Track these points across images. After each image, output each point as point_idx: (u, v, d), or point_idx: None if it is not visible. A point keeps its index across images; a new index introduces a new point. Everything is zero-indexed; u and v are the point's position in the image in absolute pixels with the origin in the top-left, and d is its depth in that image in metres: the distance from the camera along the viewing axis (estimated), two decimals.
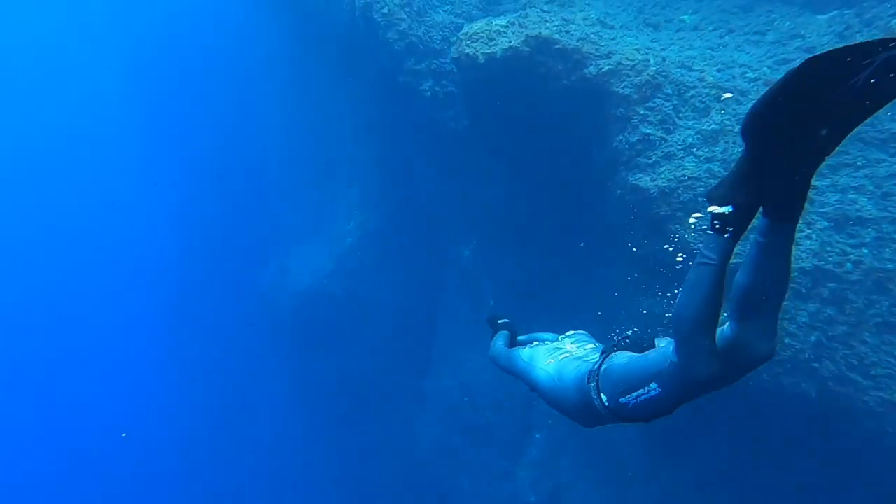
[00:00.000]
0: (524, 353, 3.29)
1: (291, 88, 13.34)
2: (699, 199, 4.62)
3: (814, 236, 4.40)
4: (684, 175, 4.72)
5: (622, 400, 2.25)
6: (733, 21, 5.92)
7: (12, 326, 31.09)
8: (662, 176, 4.82)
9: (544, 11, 6.18)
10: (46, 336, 31.58)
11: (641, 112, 5.13)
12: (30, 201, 35.95)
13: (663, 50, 5.58)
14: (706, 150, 4.81)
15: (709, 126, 4.88)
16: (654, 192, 4.85)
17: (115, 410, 26.58)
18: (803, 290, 4.31)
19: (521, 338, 3.86)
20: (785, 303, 4.31)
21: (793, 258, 1.83)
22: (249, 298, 15.35)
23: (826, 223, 4.44)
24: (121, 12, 21.96)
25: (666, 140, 4.98)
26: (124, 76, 24.14)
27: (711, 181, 4.64)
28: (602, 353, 2.57)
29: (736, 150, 4.75)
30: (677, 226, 4.70)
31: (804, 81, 1.44)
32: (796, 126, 1.53)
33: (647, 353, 2.30)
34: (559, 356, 2.94)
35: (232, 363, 18.03)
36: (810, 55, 1.46)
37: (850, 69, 1.39)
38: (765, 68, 5.21)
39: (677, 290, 2.02)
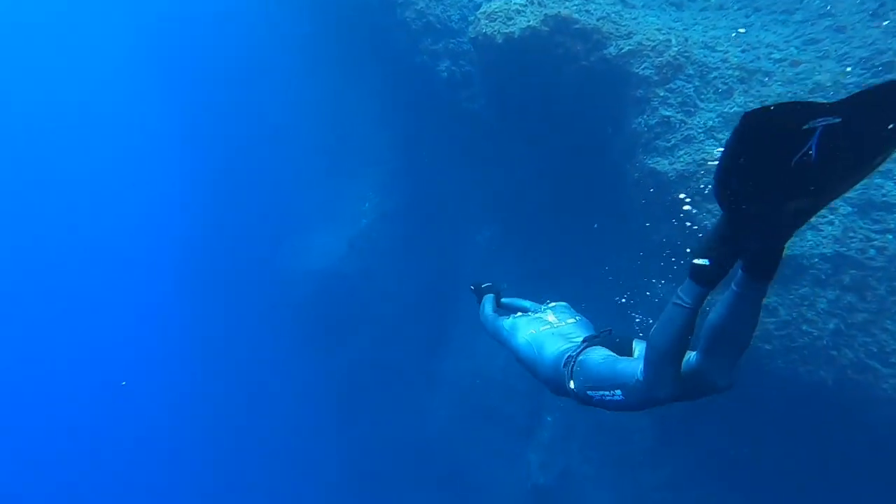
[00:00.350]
0: (507, 322, 3.48)
1: (308, 70, 13.30)
2: None
3: (836, 221, 4.30)
4: (704, 159, 4.63)
5: (589, 393, 2.48)
6: (759, 0, 5.74)
7: (28, 307, 31.99)
8: (681, 159, 4.73)
9: None
10: (64, 319, 32.43)
11: (661, 94, 5.03)
12: (51, 184, 36.68)
13: (686, 30, 5.44)
14: (728, 133, 4.70)
15: (731, 108, 4.76)
16: (672, 176, 4.77)
17: (128, 390, 27.24)
18: (823, 277, 4.24)
19: (504, 300, 4.17)
20: (804, 290, 4.25)
21: (761, 311, 1.96)
22: (265, 280, 15.54)
23: (850, 208, 4.34)
24: (143, 8, 22.07)
25: (686, 123, 4.88)
26: (142, 60, 24.28)
27: None
28: (583, 342, 2.77)
29: None
30: (695, 210, 4.63)
31: (749, 146, 1.41)
32: (759, 197, 1.52)
33: (620, 360, 2.49)
34: (540, 327, 3.16)
35: (247, 345, 18.33)
36: (839, 33, 1.38)
37: (791, 135, 1.34)
38: (792, 48, 5.05)
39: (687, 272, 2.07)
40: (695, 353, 2.15)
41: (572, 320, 3.25)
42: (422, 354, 10.85)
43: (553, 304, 3.58)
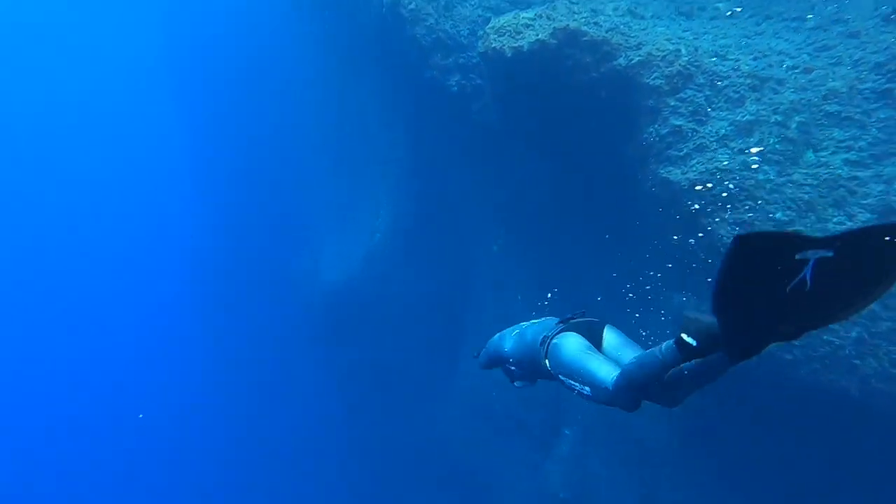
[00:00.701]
0: (495, 336, 3.92)
1: (322, 84, 13.54)
2: (732, 191, 4.51)
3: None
4: (717, 167, 4.61)
5: (562, 377, 2.84)
6: (771, 7, 5.72)
7: (48, 310, 32.72)
8: (694, 168, 4.72)
9: (572, 3, 6.10)
10: (84, 324, 33.10)
11: (672, 103, 5.02)
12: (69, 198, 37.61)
13: (696, 39, 5.44)
14: (740, 141, 4.68)
15: (743, 117, 4.74)
16: (685, 185, 4.75)
17: (144, 398, 27.61)
18: None
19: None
20: None
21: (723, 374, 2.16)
22: (281, 292, 15.73)
23: (869, 215, 4.26)
24: (158, 12, 22.73)
25: (698, 132, 4.87)
26: (163, 75, 24.95)
27: (745, 173, 4.53)
28: (559, 324, 3.08)
29: (772, 141, 4.62)
30: (709, 220, 4.60)
31: (742, 267, 1.45)
32: (754, 319, 1.59)
33: (594, 357, 2.76)
34: (524, 325, 3.60)
35: (264, 355, 18.51)
36: (853, 38, 1.39)
37: (785, 262, 1.36)
38: (804, 55, 5.02)
39: (709, 279, 2.18)
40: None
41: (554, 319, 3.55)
42: (438, 365, 10.86)
43: (541, 319, 3.84)
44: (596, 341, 2.97)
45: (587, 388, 2.68)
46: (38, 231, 36.31)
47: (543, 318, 3.71)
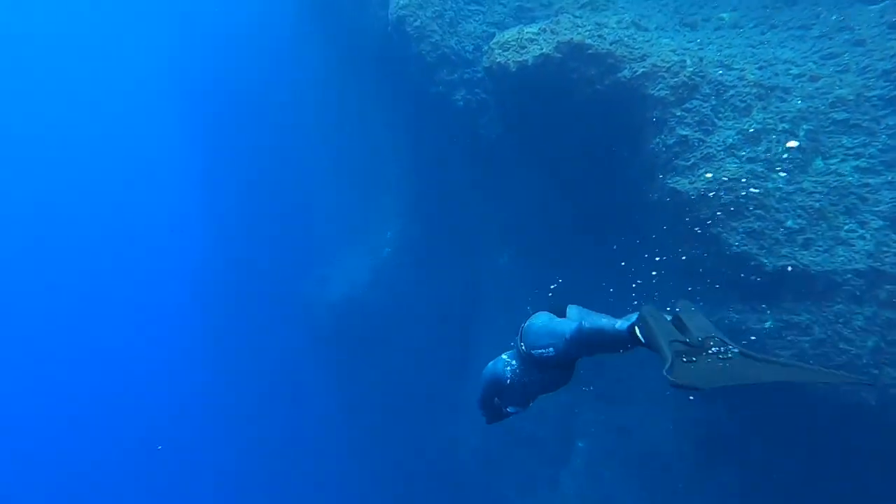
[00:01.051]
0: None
1: (329, 100, 13.73)
2: (740, 200, 4.49)
3: (867, 236, 4.20)
4: (724, 177, 4.59)
5: (533, 352, 3.01)
6: (775, 16, 5.74)
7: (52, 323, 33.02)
8: (701, 178, 4.70)
9: (576, 16, 6.17)
10: (91, 339, 33.32)
11: (678, 114, 5.03)
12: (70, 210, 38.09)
13: (700, 49, 5.47)
14: (748, 150, 4.67)
15: (750, 126, 4.74)
16: (692, 195, 4.74)
17: (155, 415, 27.65)
18: (858, 294, 4.12)
19: None
20: (838, 307, 4.13)
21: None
22: (290, 307, 15.76)
23: (881, 222, 4.23)
24: (164, 31, 23.23)
25: (705, 141, 4.86)
26: (171, 89, 25.39)
27: (753, 181, 4.51)
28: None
29: (780, 149, 4.60)
30: (718, 229, 4.58)
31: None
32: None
33: (555, 321, 3.09)
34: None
35: (271, 369, 18.49)
36: (859, 46, 1.59)
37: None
38: (810, 63, 5.02)
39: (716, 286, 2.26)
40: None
41: None
42: (448, 380, 10.79)
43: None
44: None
45: (550, 349, 2.91)
46: (42, 239, 36.79)
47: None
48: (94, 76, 39.06)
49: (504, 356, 3.43)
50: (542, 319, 3.17)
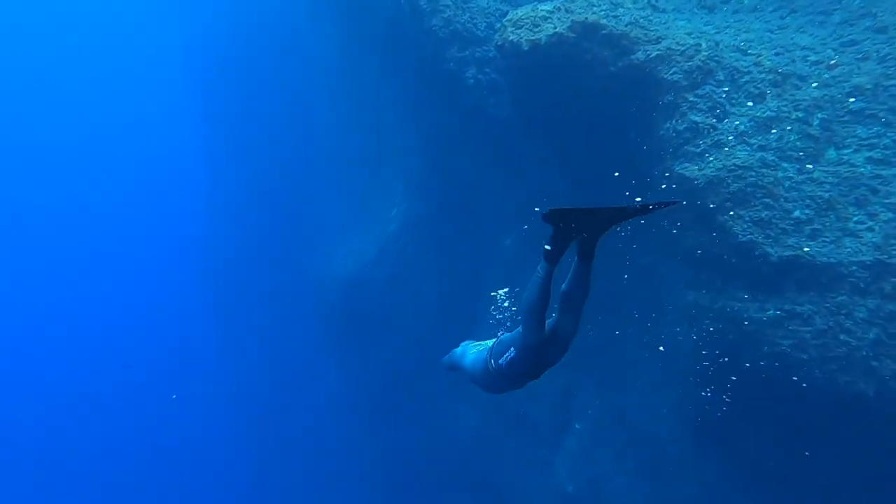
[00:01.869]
0: (458, 349, 4.60)
1: (338, 77, 13.59)
2: (749, 188, 4.45)
3: (876, 228, 4.16)
4: (734, 164, 4.55)
5: (500, 362, 3.41)
6: (796, 0, 5.60)
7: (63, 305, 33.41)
8: (711, 165, 4.66)
9: None
10: (103, 317, 33.73)
11: (691, 99, 4.96)
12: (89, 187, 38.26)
13: (717, 33, 5.36)
14: (759, 137, 4.61)
15: (763, 113, 4.67)
16: (701, 182, 4.70)
17: (165, 392, 28.11)
18: (862, 285, 4.10)
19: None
20: (841, 298, 4.13)
21: (590, 280, 3.11)
22: (294, 284, 15.85)
23: (891, 214, 4.18)
24: (173, 8, 22.97)
25: (716, 128, 4.80)
26: (182, 70, 25.22)
27: (764, 170, 4.46)
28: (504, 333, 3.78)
29: (792, 139, 4.54)
30: (726, 217, 4.55)
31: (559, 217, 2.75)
32: (569, 230, 2.87)
33: (507, 334, 3.53)
34: (480, 348, 4.23)
35: (275, 348, 18.66)
36: (881, 33, 1.64)
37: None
38: (829, 50, 4.92)
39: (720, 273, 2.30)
40: (554, 314, 3.22)
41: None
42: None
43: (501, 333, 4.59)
44: None
45: (512, 350, 3.32)
46: (46, 230, 37.09)
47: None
48: (102, 59, 38.86)
49: (486, 353, 3.82)
50: (508, 335, 3.58)
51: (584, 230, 2.86)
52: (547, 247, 2.96)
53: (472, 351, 4.27)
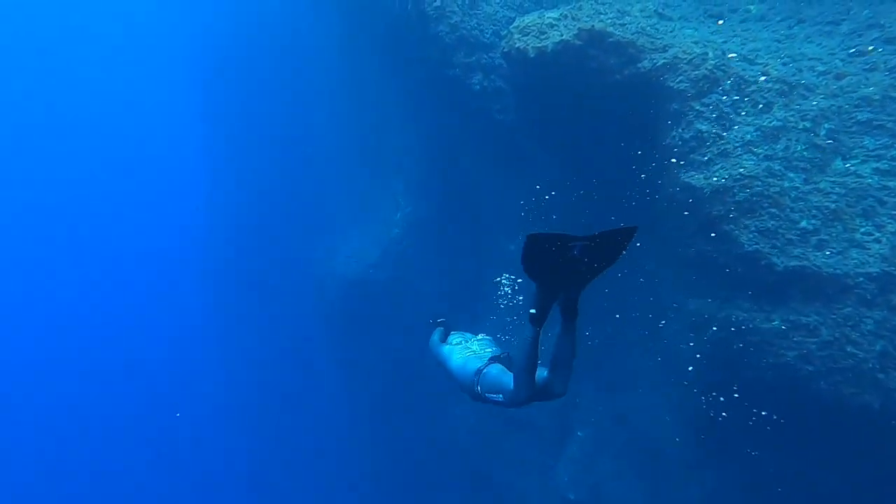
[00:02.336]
0: (445, 349, 4.87)
1: (342, 79, 13.62)
2: (755, 198, 4.44)
3: (883, 240, 4.15)
4: (740, 174, 4.54)
5: (487, 395, 3.83)
6: (804, 10, 5.59)
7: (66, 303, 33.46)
8: (717, 174, 4.65)
9: (599, 3, 6.04)
10: (102, 315, 33.78)
11: (697, 108, 4.96)
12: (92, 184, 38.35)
13: (724, 42, 5.36)
14: (766, 147, 4.60)
15: (770, 122, 4.67)
16: (707, 191, 4.69)
17: (164, 390, 28.13)
18: (868, 297, 4.09)
19: (452, 331, 5.52)
20: (847, 310, 4.11)
21: (576, 341, 3.20)
22: (296, 284, 15.86)
23: None
24: (173, 7, 23.05)
25: (722, 137, 4.80)
26: (183, 69, 25.31)
27: (770, 180, 4.46)
28: (489, 360, 4.12)
29: (799, 149, 4.53)
30: (731, 226, 4.54)
31: (533, 252, 2.74)
32: (551, 276, 2.89)
33: (506, 375, 3.75)
34: (466, 354, 4.51)
35: (277, 347, 18.67)
36: (889, 44, 1.68)
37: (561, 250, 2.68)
38: (836, 61, 4.91)
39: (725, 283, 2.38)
40: (545, 371, 3.39)
41: (489, 350, 4.54)
42: None
43: (480, 336, 5.02)
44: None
45: (500, 395, 3.65)
46: (46, 230, 37.21)
47: (483, 340, 4.89)
48: (105, 59, 39.04)
49: (468, 366, 4.17)
50: (496, 371, 3.91)
51: (565, 287, 2.94)
52: (532, 311, 3.04)
53: (459, 356, 4.50)
